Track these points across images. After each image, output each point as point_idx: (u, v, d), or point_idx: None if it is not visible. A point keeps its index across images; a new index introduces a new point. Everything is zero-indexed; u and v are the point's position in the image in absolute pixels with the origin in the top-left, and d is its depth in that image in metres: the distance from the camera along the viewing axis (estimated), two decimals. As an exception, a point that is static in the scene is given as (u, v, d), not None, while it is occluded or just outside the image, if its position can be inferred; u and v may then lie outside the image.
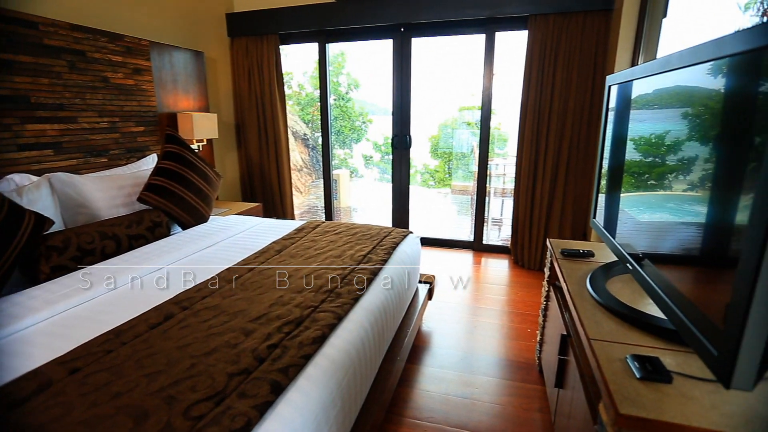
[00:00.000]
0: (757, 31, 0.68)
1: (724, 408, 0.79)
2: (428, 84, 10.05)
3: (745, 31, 0.72)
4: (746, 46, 0.71)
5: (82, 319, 1.34)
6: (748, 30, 0.71)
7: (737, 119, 0.79)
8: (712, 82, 0.88)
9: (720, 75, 0.85)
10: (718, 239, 0.83)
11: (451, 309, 2.61)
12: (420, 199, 6.81)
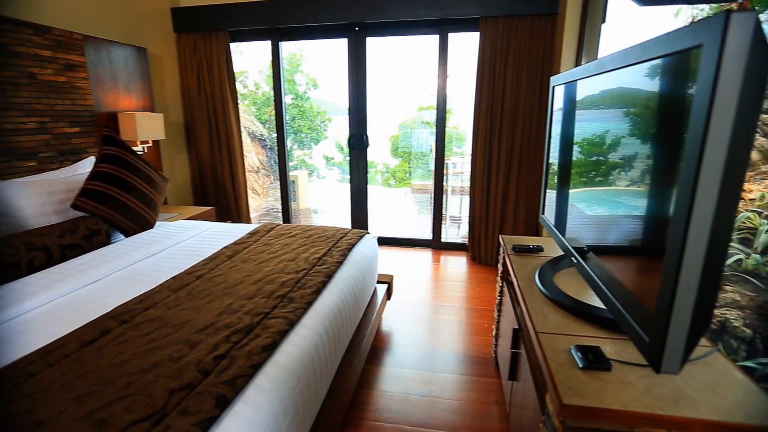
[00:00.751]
0: (672, 35, 0.73)
1: (656, 391, 0.83)
2: (387, 84, 10.09)
3: (663, 36, 0.77)
4: (665, 51, 0.76)
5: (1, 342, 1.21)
6: (666, 35, 0.76)
7: (661, 119, 0.84)
8: (640, 83, 0.93)
9: (645, 76, 0.90)
10: (650, 232, 0.88)
11: (410, 308, 2.62)
12: (381, 199, 6.82)
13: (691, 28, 0.68)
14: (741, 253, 2.45)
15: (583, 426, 0.81)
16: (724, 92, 0.60)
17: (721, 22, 0.60)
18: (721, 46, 0.60)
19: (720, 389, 0.84)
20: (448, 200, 4.65)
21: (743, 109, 0.61)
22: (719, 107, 0.60)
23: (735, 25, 0.59)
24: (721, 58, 0.60)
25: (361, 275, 1.88)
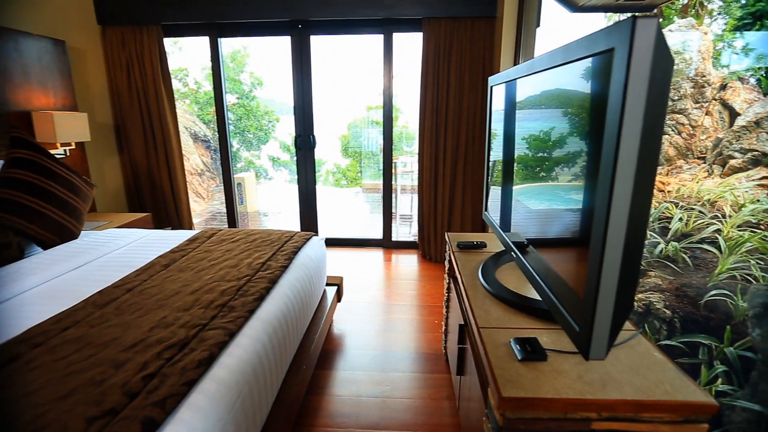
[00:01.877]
0: (589, 39, 0.76)
1: (587, 376, 0.88)
2: (335, 83, 10.01)
3: (582, 39, 0.81)
4: (584, 53, 0.79)
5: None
6: (583, 39, 0.79)
7: (584, 118, 0.88)
8: (566, 84, 0.97)
9: (569, 77, 0.94)
10: (578, 224, 0.92)
11: (362, 308, 2.60)
12: (333, 200, 6.75)
13: (604, 33, 0.71)
14: (662, 240, 2.69)
15: (522, 416, 0.84)
16: (634, 91, 0.63)
17: (628, 26, 0.64)
18: (630, 48, 0.63)
19: (642, 370, 0.90)
20: (398, 199, 4.68)
21: (651, 107, 0.65)
22: (631, 105, 0.63)
23: (641, 29, 0.63)
24: (630, 59, 0.63)
25: (308, 279, 1.84)
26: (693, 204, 3.11)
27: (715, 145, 4.05)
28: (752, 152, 3.64)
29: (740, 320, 1.69)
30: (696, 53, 4.39)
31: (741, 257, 2.09)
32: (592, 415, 0.83)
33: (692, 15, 5.51)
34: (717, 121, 4.34)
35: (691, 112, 4.35)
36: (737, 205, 2.87)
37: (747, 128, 3.73)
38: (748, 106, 4.02)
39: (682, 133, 4.41)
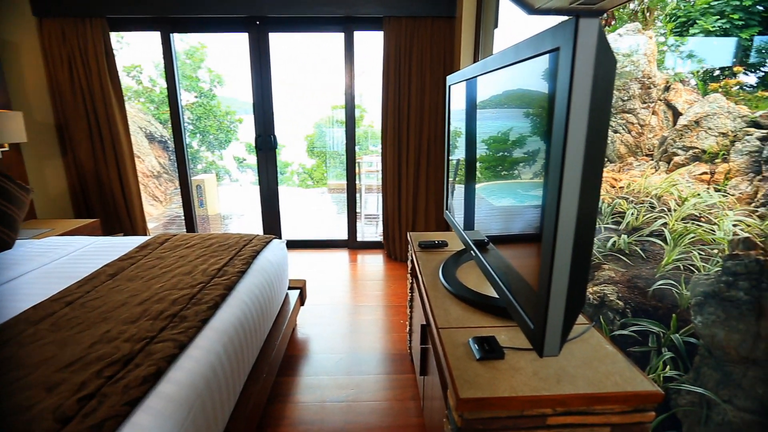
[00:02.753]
0: (536, 39, 0.77)
1: (542, 372, 0.89)
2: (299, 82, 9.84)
3: (530, 39, 0.81)
4: (532, 53, 0.80)
5: None
6: (532, 38, 0.80)
7: (537, 116, 0.89)
8: (518, 83, 0.98)
9: (521, 76, 0.95)
10: (533, 222, 0.93)
11: (327, 311, 2.56)
12: (299, 201, 6.63)
13: (550, 32, 0.72)
14: (614, 234, 2.82)
15: (480, 417, 0.84)
16: (579, 89, 0.64)
17: (572, 26, 0.64)
18: (574, 47, 0.64)
19: (594, 363, 0.92)
20: (363, 198, 4.66)
21: (596, 105, 0.66)
22: (576, 103, 0.64)
23: (583, 28, 0.63)
24: (575, 58, 0.64)
25: (268, 283, 1.78)
26: (642, 199, 3.29)
27: (661, 142, 4.30)
28: (693, 149, 3.89)
29: (684, 308, 1.78)
30: (643, 56, 4.64)
31: (684, 248, 2.22)
32: (548, 411, 0.84)
33: (640, 20, 5.82)
34: (662, 120, 4.60)
35: (639, 112, 4.59)
36: (681, 199, 3.07)
37: (688, 127, 3.98)
38: (689, 107, 4.29)
39: (631, 131, 4.65)
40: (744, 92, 4.70)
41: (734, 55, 4.95)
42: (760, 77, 4.76)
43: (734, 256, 1.57)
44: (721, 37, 5.05)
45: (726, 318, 1.51)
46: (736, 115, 3.84)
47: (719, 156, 3.74)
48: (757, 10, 4.57)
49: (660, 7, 5.40)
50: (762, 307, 1.39)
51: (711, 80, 4.88)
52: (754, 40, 4.73)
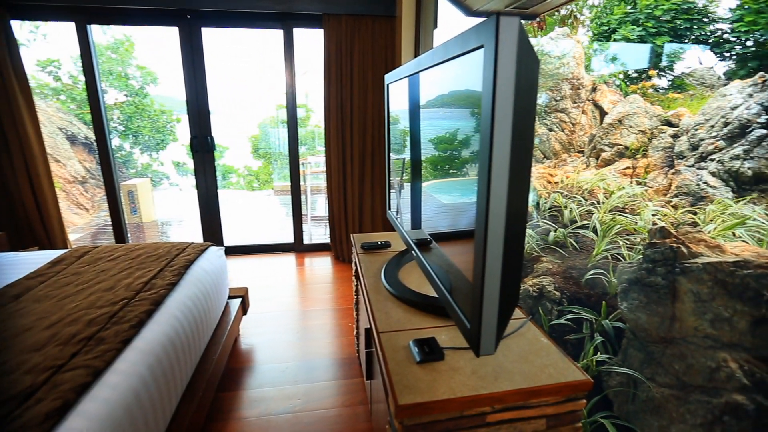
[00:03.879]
0: (462, 37, 0.76)
1: (481, 371, 0.89)
2: (241, 81, 9.46)
3: (457, 37, 0.81)
4: (459, 51, 0.79)
5: None
6: (458, 36, 0.79)
7: (468, 113, 0.89)
8: (450, 81, 0.98)
9: (452, 74, 0.95)
10: (466, 221, 0.93)
11: (273, 318, 2.46)
12: (245, 204, 6.36)
13: (474, 30, 0.71)
14: (552, 228, 2.98)
15: (420, 422, 0.82)
16: (503, 86, 0.63)
17: (493, 23, 0.63)
18: (496, 44, 0.63)
19: (530, 357, 0.94)
20: (309, 200, 4.56)
21: (521, 102, 0.66)
22: (500, 99, 0.64)
23: (504, 26, 0.63)
24: (497, 55, 0.63)
25: (204, 295, 1.66)
26: (575, 193, 3.51)
27: (590, 140, 4.62)
28: (617, 146, 4.22)
29: (613, 295, 1.91)
30: (572, 59, 4.96)
31: (612, 239, 2.39)
32: (487, 409, 0.84)
33: (569, 25, 6.22)
34: (591, 119, 4.95)
35: (571, 111, 4.90)
36: (608, 193, 3.31)
37: (613, 125, 4.31)
38: (613, 106, 4.65)
39: (564, 129, 4.95)
40: (658, 94, 5.17)
41: (649, 60, 5.43)
42: (670, 80, 5.27)
43: (653, 245, 1.71)
44: (638, 43, 5.52)
45: (647, 302, 1.63)
46: (652, 114, 4.23)
47: (640, 152, 4.09)
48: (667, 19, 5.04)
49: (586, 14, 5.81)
50: (676, 290, 1.52)
51: (631, 82, 5.33)
52: (664, 47, 5.22)
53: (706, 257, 1.51)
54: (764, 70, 3.64)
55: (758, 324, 1.35)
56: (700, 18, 5.70)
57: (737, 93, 3.36)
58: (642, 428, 1.48)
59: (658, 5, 5.43)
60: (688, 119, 3.79)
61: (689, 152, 3.55)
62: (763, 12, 5.13)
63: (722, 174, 3.11)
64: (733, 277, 1.41)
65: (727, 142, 3.21)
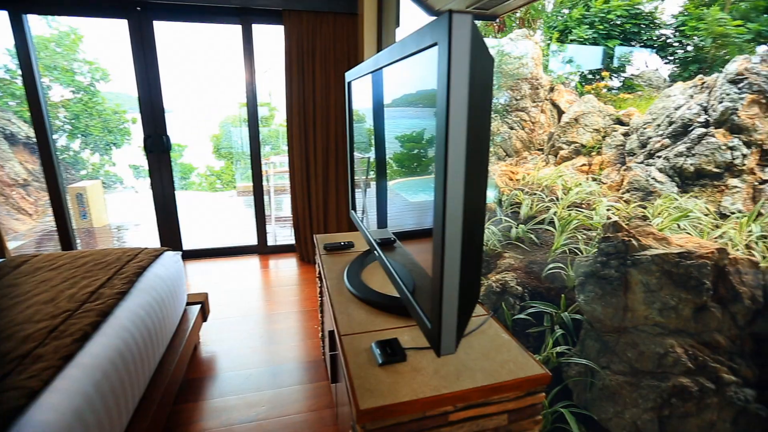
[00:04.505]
0: (417, 34, 0.75)
1: (443, 370, 0.89)
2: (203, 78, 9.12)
3: (413, 34, 0.80)
4: (414, 48, 0.78)
5: None
6: (414, 34, 0.78)
7: (424, 110, 0.88)
8: (408, 79, 0.97)
9: (411, 72, 0.94)
10: (426, 220, 0.92)
11: (236, 324, 2.37)
12: (207, 206, 6.13)
13: (428, 28, 0.70)
14: (513, 224, 3.06)
15: (382, 425, 0.81)
16: (457, 83, 0.63)
17: (446, 21, 0.63)
18: (449, 41, 0.62)
19: (491, 354, 0.95)
20: (273, 200, 4.45)
21: (476, 99, 0.66)
22: (455, 96, 0.63)
23: (457, 23, 0.62)
24: (451, 52, 0.62)
25: (158, 302, 1.57)
26: (536, 190, 3.63)
27: (549, 138, 4.79)
28: (574, 144, 4.40)
29: (571, 288, 1.98)
30: (531, 59, 5.12)
31: (570, 234, 2.49)
32: (449, 408, 0.84)
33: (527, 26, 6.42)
34: (550, 118, 5.14)
35: (531, 110, 5.07)
36: (566, 189, 3.44)
37: (570, 124, 4.49)
38: (570, 106, 4.85)
39: (525, 128, 5.11)
40: (610, 94, 5.43)
41: (602, 61, 5.69)
42: (621, 81, 5.54)
43: (606, 239, 1.79)
44: (592, 45, 5.77)
45: (602, 294, 1.70)
46: (606, 114, 4.43)
47: (595, 149, 4.28)
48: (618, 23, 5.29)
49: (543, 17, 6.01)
50: (628, 281, 1.59)
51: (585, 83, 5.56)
52: (615, 50, 5.49)
53: (654, 249, 1.60)
54: (703, 73, 3.91)
55: (700, 311, 1.45)
56: (647, 23, 6.05)
57: (680, 94, 3.59)
58: (599, 415, 1.54)
59: (611, 10, 5.71)
60: (637, 118, 4.00)
61: (639, 150, 3.75)
62: (703, 19, 5.50)
63: (668, 170, 3.30)
64: (678, 268, 1.50)
65: (671, 140, 3.41)
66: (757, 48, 5.06)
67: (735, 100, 3.13)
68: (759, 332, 1.48)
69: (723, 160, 3.05)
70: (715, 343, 1.47)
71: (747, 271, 1.55)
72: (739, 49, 4.89)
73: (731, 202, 2.98)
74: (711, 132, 3.17)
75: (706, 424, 1.39)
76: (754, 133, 3.05)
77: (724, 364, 1.44)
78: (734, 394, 1.39)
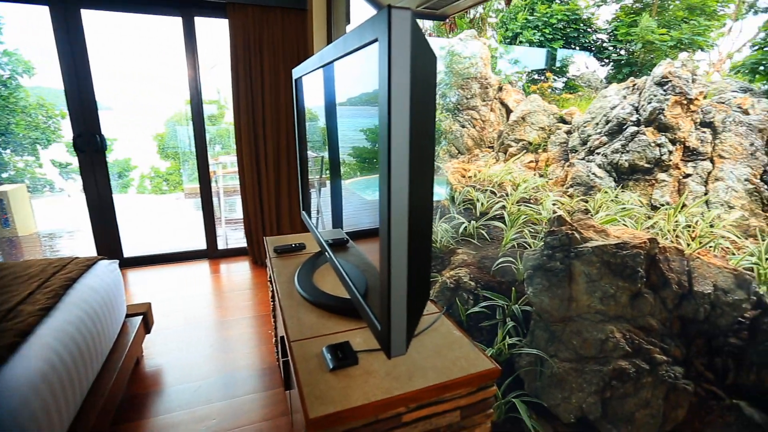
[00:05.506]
0: (359, 30, 0.73)
1: (395, 371, 0.88)
2: (146, 74, 8.57)
3: (355, 30, 0.78)
4: (357, 44, 0.76)
5: None
6: (355, 30, 0.76)
7: (368, 108, 0.86)
8: (354, 75, 0.94)
9: (356, 69, 0.92)
10: (374, 219, 0.91)
11: (185, 333, 2.25)
12: (150, 209, 5.76)
13: (369, 23, 0.69)
14: (465, 220, 3.14)
15: (333, 432, 0.78)
16: (398, 79, 0.61)
17: (385, 16, 0.61)
18: (389, 38, 0.61)
19: (444, 351, 0.95)
20: (222, 202, 4.27)
21: (419, 96, 0.65)
22: (396, 92, 0.62)
23: (396, 18, 0.61)
24: (391, 47, 0.61)
25: (90, 317, 1.45)
26: (487, 186, 3.75)
27: (499, 136, 4.97)
28: (522, 141, 4.60)
29: (521, 281, 2.06)
30: (480, 59, 5.28)
31: (519, 228, 2.59)
32: (402, 409, 0.83)
33: (476, 28, 6.61)
34: (499, 116, 5.33)
35: (481, 109, 5.22)
36: (515, 185, 3.58)
37: (517, 122, 4.69)
38: (517, 105, 5.06)
39: (476, 126, 5.26)
40: (554, 94, 5.72)
41: (546, 63, 5.98)
42: (564, 82, 5.85)
43: (552, 232, 1.87)
44: (538, 47, 6.05)
45: (549, 286, 1.78)
46: (550, 113, 4.66)
47: (541, 146, 4.49)
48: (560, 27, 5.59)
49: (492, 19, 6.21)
50: (572, 273, 1.68)
51: (531, 83, 5.82)
52: (558, 52, 5.79)
53: (594, 241, 1.70)
54: (634, 76, 4.21)
55: (635, 297, 1.55)
56: (585, 28, 6.44)
57: (615, 95, 3.84)
58: (548, 402, 1.62)
59: (553, 14, 6.02)
60: (578, 117, 4.24)
61: (580, 147, 3.98)
62: (633, 26, 5.95)
63: (606, 166, 3.53)
64: (615, 258, 1.60)
65: (608, 137, 3.65)
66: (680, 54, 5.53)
67: (661, 101, 3.40)
68: (684, 315, 1.62)
69: (653, 156, 3.30)
70: (649, 326, 1.58)
71: (674, 258, 1.69)
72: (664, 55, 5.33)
73: (661, 195, 3.24)
74: (642, 130, 3.42)
75: (642, 402, 1.49)
76: (678, 132, 3.33)
77: (657, 346, 1.55)
78: (665, 372, 1.51)
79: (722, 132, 3.37)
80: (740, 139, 3.25)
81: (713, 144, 3.35)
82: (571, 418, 1.54)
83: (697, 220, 2.72)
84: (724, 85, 4.06)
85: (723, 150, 3.27)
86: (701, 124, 3.46)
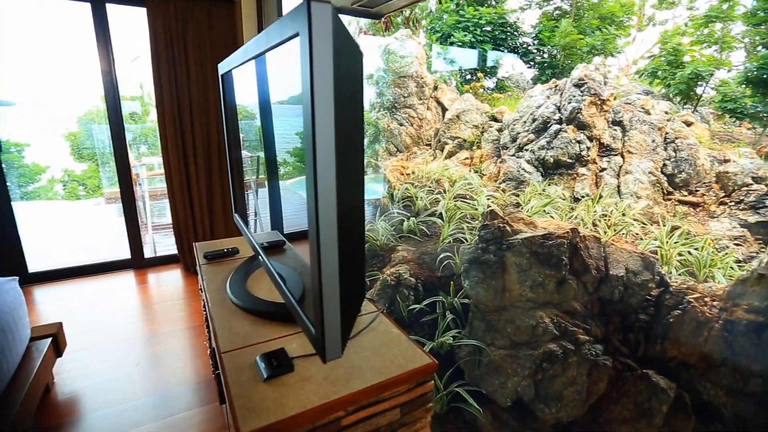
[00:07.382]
0: (280, 24, 0.70)
1: (333, 375, 0.86)
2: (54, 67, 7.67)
3: (276, 24, 0.74)
4: (279, 39, 0.73)
5: None
6: (276, 24, 0.73)
7: (293, 105, 0.83)
8: (275, 69, 0.91)
9: (277, 62, 0.88)
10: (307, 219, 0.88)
11: (106, 353, 2.04)
12: (64, 217, 5.18)
13: (289, 17, 0.66)
14: (405, 217, 3.19)
15: (268, 445, 0.75)
16: (320, 76, 0.60)
17: (305, 9, 0.59)
18: (310, 32, 0.59)
19: (381, 350, 0.95)
20: (148, 207, 3.96)
21: (343, 92, 0.63)
22: (319, 88, 0.60)
23: (317, 13, 0.59)
24: (312, 42, 0.59)
25: (-17, 344, 1.26)
26: (425, 183, 3.84)
27: (436, 133, 5.12)
28: (458, 139, 4.77)
29: (459, 275, 2.13)
30: (415, 59, 5.39)
31: (456, 224, 2.68)
32: (341, 414, 0.82)
33: (411, 27, 6.74)
34: (435, 115, 5.48)
35: (418, 107, 5.34)
36: (452, 182, 3.71)
37: (453, 120, 4.86)
38: (452, 103, 5.24)
39: (413, 124, 5.37)
40: (486, 93, 6.00)
41: (477, 63, 6.25)
42: (494, 82, 6.15)
43: (485, 226, 1.95)
44: (469, 48, 6.29)
45: (484, 277, 1.86)
46: (482, 111, 4.88)
47: (475, 144, 4.69)
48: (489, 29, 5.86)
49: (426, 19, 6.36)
50: (505, 264, 1.76)
51: (465, 82, 6.06)
52: (488, 54, 6.07)
53: (524, 233, 1.81)
54: (556, 78, 4.55)
55: (561, 284, 1.67)
56: (512, 31, 6.83)
57: (539, 95, 4.11)
58: (486, 389, 1.70)
59: (482, 16, 6.30)
60: (508, 116, 4.49)
61: (511, 144, 4.21)
62: (554, 31, 6.41)
63: (534, 162, 3.77)
64: (542, 248, 1.72)
65: (535, 135, 3.90)
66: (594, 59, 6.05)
67: (579, 101, 3.70)
68: (603, 296, 1.77)
69: (574, 152, 3.59)
70: (573, 310, 1.72)
71: (593, 245, 1.85)
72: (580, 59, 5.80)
73: (581, 188, 3.53)
74: (564, 128, 3.70)
75: (569, 381, 1.62)
76: (594, 129, 3.65)
77: (580, 327, 1.69)
78: (588, 351, 1.64)
79: (630, 130, 3.76)
80: (644, 137, 3.64)
81: (623, 141, 3.72)
82: (508, 402, 1.63)
83: (612, 209, 3.00)
84: (631, 87, 4.52)
85: (631, 146, 3.65)
86: (613, 123, 3.82)
